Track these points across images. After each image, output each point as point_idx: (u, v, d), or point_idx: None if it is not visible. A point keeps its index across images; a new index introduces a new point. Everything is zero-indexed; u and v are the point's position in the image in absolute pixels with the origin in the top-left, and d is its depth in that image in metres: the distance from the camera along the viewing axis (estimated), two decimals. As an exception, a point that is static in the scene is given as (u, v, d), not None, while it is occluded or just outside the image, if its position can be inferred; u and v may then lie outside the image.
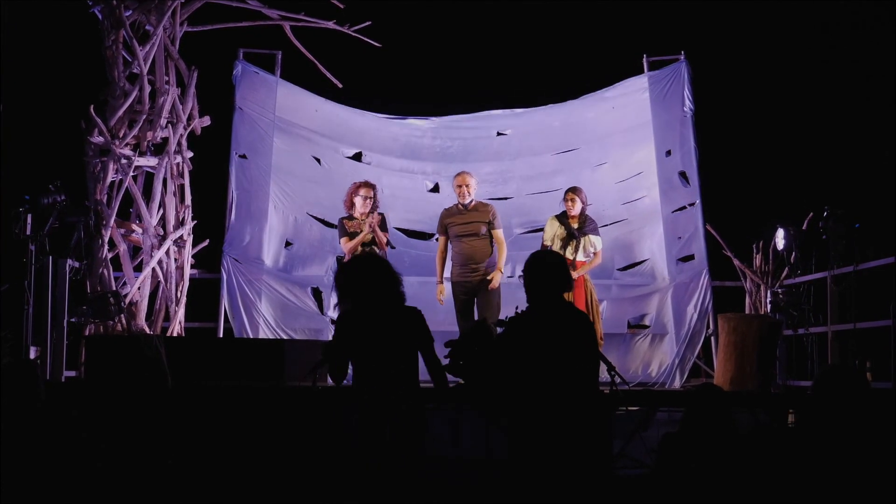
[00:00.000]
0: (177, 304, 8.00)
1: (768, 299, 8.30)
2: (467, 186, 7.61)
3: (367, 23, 8.60)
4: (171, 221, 8.05)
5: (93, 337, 7.18)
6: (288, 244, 9.13)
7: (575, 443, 4.08)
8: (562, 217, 7.80)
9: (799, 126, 9.80)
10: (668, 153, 9.19)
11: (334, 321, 6.47)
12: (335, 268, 7.83)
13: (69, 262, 7.14)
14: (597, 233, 7.82)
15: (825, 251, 7.65)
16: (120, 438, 4.18)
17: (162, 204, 8.06)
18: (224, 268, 8.47)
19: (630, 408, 6.23)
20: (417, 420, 4.46)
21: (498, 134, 9.92)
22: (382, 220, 7.63)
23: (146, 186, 8.09)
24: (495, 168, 9.78)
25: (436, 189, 9.74)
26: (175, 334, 7.90)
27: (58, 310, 6.98)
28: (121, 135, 7.83)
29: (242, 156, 8.96)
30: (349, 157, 9.64)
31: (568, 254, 7.58)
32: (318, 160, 9.50)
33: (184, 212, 8.15)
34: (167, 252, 7.96)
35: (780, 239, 8.30)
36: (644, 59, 9.45)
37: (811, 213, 8.18)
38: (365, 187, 7.68)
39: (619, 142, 9.61)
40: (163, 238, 7.96)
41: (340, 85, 8.79)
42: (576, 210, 7.75)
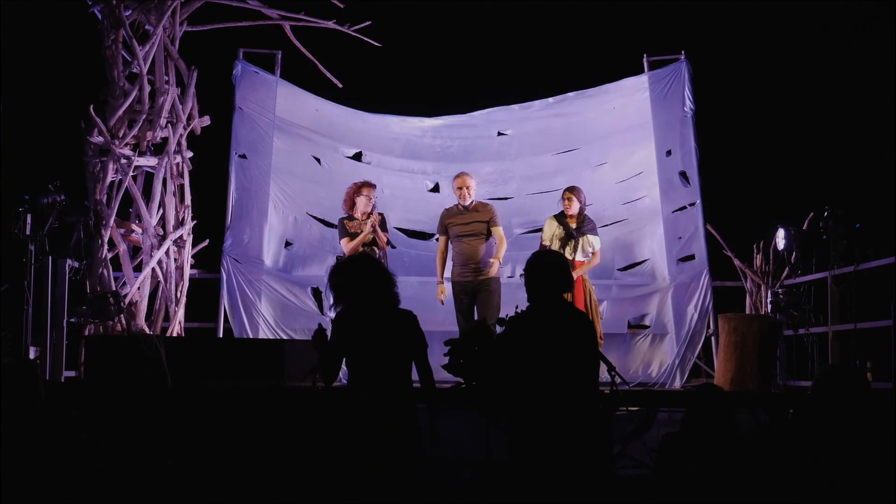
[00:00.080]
0: (176, 304, 8.00)
1: (769, 299, 8.29)
2: (468, 188, 7.61)
3: (367, 23, 8.60)
4: (171, 221, 8.05)
5: (92, 337, 7.18)
6: (288, 244, 9.12)
7: (575, 443, 4.08)
8: (560, 217, 7.80)
9: (799, 126, 9.80)
10: (669, 153, 9.18)
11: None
12: (334, 268, 7.83)
13: (69, 262, 7.13)
14: (595, 233, 7.81)
15: (826, 251, 7.65)
16: (120, 438, 4.17)
17: (162, 204, 8.06)
18: (224, 268, 8.46)
19: (630, 408, 6.22)
20: (412, 420, 4.46)
21: (499, 134, 9.91)
22: (382, 220, 7.62)
23: (146, 186, 8.09)
24: (495, 168, 9.78)
25: (436, 189, 9.73)
26: (175, 334, 7.90)
27: (57, 310, 6.97)
28: (120, 135, 7.83)
29: (242, 156, 8.95)
30: (349, 157, 9.64)
31: (566, 254, 7.56)
32: (318, 160, 9.50)
33: (184, 212, 8.14)
34: (167, 252, 7.96)
35: (781, 239, 8.29)
36: (644, 59, 9.45)
37: (811, 213, 8.18)
38: (367, 187, 7.69)
39: (620, 142, 9.60)
40: (162, 238, 7.96)
41: (340, 85, 8.79)
42: (573, 210, 7.74)
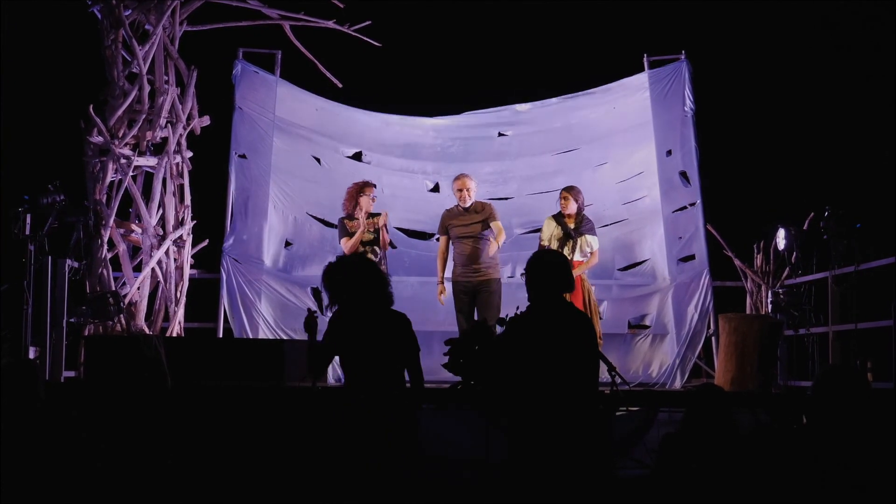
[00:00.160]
0: (176, 305, 7.99)
1: (769, 299, 8.28)
2: (468, 190, 7.62)
3: (367, 22, 8.60)
4: (171, 221, 8.04)
5: (92, 337, 7.17)
6: (288, 244, 9.12)
7: (575, 443, 4.07)
8: (558, 217, 7.79)
9: (800, 126, 9.80)
10: (669, 153, 9.17)
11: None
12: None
13: (68, 262, 7.12)
14: (593, 233, 7.80)
15: (826, 251, 7.64)
16: (120, 438, 4.17)
17: (161, 204, 8.05)
18: (224, 268, 8.45)
19: (630, 408, 6.22)
20: (409, 420, 4.46)
21: (499, 134, 9.91)
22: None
23: (146, 186, 8.09)
24: (496, 168, 9.77)
25: (436, 189, 9.73)
26: (175, 334, 7.89)
27: (57, 310, 6.97)
28: (120, 134, 7.82)
29: (242, 156, 8.94)
30: (349, 157, 9.63)
31: (565, 253, 7.56)
32: (318, 160, 9.49)
33: (183, 212, 8.14)
34: (167, 252, 7.95)
35: (781, 239, 8.29)
36: (644, 59, 9.44)
37: (812, 213, 8.17)
38: (369, 187, 7.70)
39: (620, 142, 9.59)
40: (162, 238, 7.95)
41: (340, 85, 8.79)
42: (570, 209, 7.73)
